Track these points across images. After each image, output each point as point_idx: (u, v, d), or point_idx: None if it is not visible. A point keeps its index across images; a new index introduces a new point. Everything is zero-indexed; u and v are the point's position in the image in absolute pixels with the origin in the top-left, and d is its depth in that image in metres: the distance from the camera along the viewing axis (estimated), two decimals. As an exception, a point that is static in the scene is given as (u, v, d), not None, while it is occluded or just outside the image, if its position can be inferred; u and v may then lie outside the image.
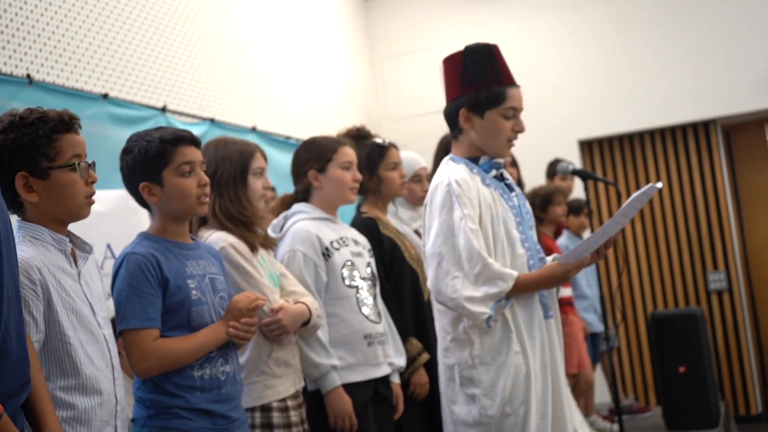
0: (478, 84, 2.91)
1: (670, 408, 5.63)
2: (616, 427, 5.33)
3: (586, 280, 5.85)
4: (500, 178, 3.01)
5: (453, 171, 2.90)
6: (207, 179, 2.51)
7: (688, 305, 7.39)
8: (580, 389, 5.39)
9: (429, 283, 2.90)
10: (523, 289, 2.81)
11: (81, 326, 2.15)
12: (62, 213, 2.20)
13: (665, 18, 7.31)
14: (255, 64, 6.10)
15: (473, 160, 2.97)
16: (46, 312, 2.08)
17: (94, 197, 2.26)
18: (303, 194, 3.31)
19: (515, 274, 2.78)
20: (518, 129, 2.95)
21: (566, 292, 5.29)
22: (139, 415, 2.40)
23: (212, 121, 5.29)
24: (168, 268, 2.40)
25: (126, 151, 2.51)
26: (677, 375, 5.67)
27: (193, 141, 2.51)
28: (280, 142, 5.97)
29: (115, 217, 4.01)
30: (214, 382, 2.43)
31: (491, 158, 2.98)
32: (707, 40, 7.17)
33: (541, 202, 5.42)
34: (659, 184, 2.74)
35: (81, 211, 2.23)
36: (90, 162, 2.24)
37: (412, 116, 7.77)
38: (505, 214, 2.90)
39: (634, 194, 2.76)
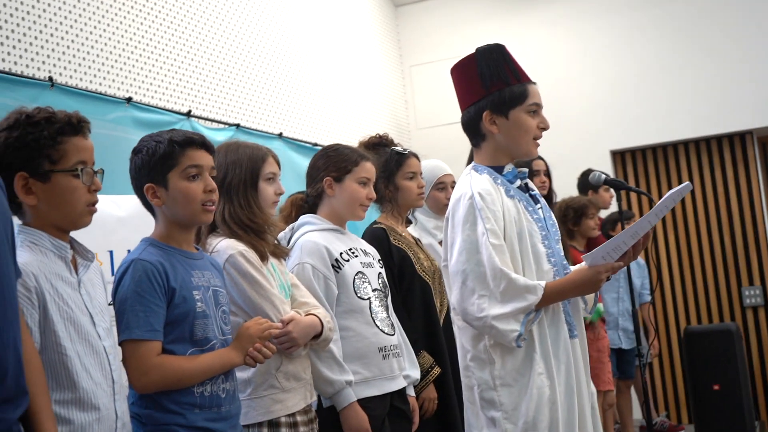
0: (498, 83, 2.79)
1: (704, 426, 5.50)
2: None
3: (617, 294, 5.71)
4: (525, 188, 2.89)
5: (476, 182, 2.75)
6: (214, 185, 2.39)
7: (722, 321, 7.23)
8: (603, 409, 5.26)
9: (453, 301, 2.77)
10: (553, 298, 2.67)
11: (79, 337, 2.05)
12: (60, 219, 2.11)
13: (699, 28, 7.19)
14: (282, 69, 6.04)
15: (497, 169, 2.84)
16: (41, 321, 1.98)
17: (96, 206, 2.16)
18: (314, 199, 3.21)
19: (543, 283, 2.65)
20: (543, 126, 2.82)
21: (600, 307, 5.16)
22: (134, 431, 2.29)
23: (238, 126, 5.23)
24: (175, 277, 2.29)
25: (135, 152, 2.41)
26: (711, 392, 5.55)
27: (203, 145, 2.39)
28: (308, 149, 5.90)
29: (135, 223, 3.94)
30: (214, 399, 2.32)
31: (515, 167, 2.86)
32: (743, 50, 7.04)
33: (575, 214, 5.29)
34: (688, 184, 2.65)
35: (80, 220, 2.14)
36: (96, 169, 2.16)
37: (441, 125, 7.68)
38: (530, 228, 2.77)
39: (668, 193, 2.65)
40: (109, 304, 2.29)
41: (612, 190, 5.74)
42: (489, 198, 2.70)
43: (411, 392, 3.24)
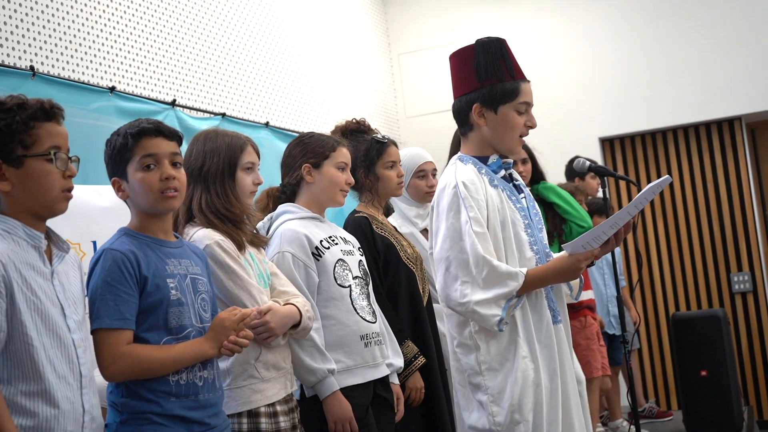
0: (492, 78, 2.86)
1: (692, 413, 5.51)
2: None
3: (602, 279, 5.72)
4: (509, 178, 2.97)
5: (460, 172, 2.84)
6: (171, 173, 2.35)
7: (711, 307, 7.24)
8: (598, 395, 5.26)
9: (438, 288, 2.84)
10: (534, 284, 2.76)
11: (46, 328, 2.03)
12: (36, 205, 2.09)
13: (688, 14, 7.17)
14: (269, 58, 6.01)
15: (482, 159, 2.92)
16: (8, 310, 1.97)
17: (72, 192, 2.14)
18: (291, 188, 3.20)
19: (524, 270, 2.73)
20: (530, 124, 2.91)
21: (587, 294, 5.16)
22: (111, 420, 2.28)
23: (224, 116, 5.20)
24: (147, 266, 2.28)
25: (105, 144, 2.42)
26: (699, 379, 5.55)
27: (159, 132, 2.37)
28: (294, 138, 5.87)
29: (119, 213, 3.91)
30: (190, 387, 2.31)
31: (500, 157, 2.93)
32: (731, 36, 7.03)
33: None
34: (668, 177, 2.74)
35: (56, 205, 2.13)
36: (71, 156, 2.14)
37: (429, 113, 7.67)
38: (513, 216, 2.86)
39: (648, 186, 2.72)
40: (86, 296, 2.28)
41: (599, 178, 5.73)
42: (473, 187, 2.79)
43: (395, 380, 3.24)
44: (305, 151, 3.16)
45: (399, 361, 3.24)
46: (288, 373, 2.74)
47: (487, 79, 2.85)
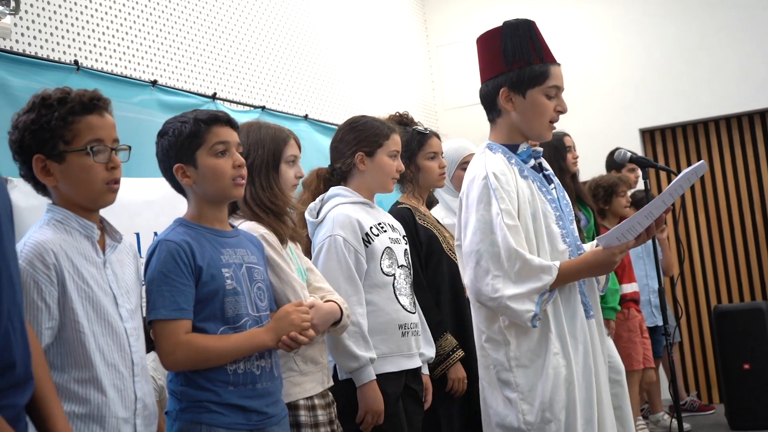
0: (520, 61, 2.73)
1: (734, 406, 5.46)
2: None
3: (644, 271, 5.67)
4: (539, 168, 2.85)
5: (490, 162, 2.71)
6: (242, 160, 2.39)
7: (753, 299, 7.15)
8: (642, 388, 5.23)
9: (467, 282, 2.73)
10: (568, 278, 2.65)
11: (97, 317, 2.06)
12: (81, 199, 2.12)
13: (731, 4, 7.07)
14: (308, 51, 6.04)
15: (511, 148, 2.80)
16: (60, 298, 2.00)
17: (118, 184, 2.15)
18: (342, 173, 3.18)
19: (557, 263, 2.62)
20: (561, 109, 2.77)
21: (631, 287, 5.12)
22: (171, 408, 2.31)
23: (263, 108, 5.23)
24: (202, 256, 2.29)
25: (161, 134, 2.42)
26: (741, 372, 5.50)
27: (228, 122, 2.40)
28: (333, 130, 5.81)
29: (162, 205, 3.96)
30: (248, 376, 2.32)
31: (530, 146, 2.82)
32: (775, 25, 6.92)
33: (605, 193, 5.23)
34: (703, 163, 2.62)
35: (100, 198, 2.13)
36: (121, 146, 2.15)
37: (467, 105, 7.63)
38: (544, 208, 2.73)
39: (682, 173, 2.61)
40: (143, 285, 2.31)
41: (638, 170, 5.69)
42: (503, 178, 2.67)
43: (425, 371, 3.23)
44: (359, 139, 3.14)
45: (430, 351, 3.23)
46: (325, 368, 2.73)
47: (514, 62, 2.72)
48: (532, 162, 2.82)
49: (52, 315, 1.98)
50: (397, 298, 3.05)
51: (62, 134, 2.06)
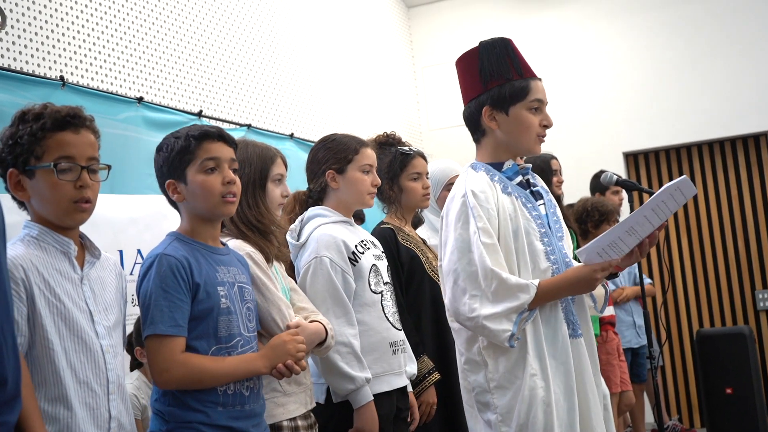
0: (499, 79, 2.70)
1: (716, 430, 5.45)
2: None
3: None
4: (526, 185, 2.80)
5: (471, 180, 2.67)
6: (233, 177, 2.35)
7: (735, 324, 7.17)
8: (621, 411, 5.22)
9: (446, 302, 2.70)
10: (547, 297, 2.58)
11: (70, 333, 2.03)
12: (49, 216, 2.09)
13: (713, 30, 7.15)
14: (294, 70, 6.04)
15: (496, 165, 2.75)
16: (30, 315, 1.97)
17: (89, 203, 2.12)
18: (318, 194, 3.15)
19: (536, 282, 2.56)
20: (546, 123, 2.72)
21: (609, 310, 5.12)
22: (156, 428, 2.26)
23: (249, 126, 5.22)
24: (199, 273, 2.26)
25: (157, 150, 2.40)
26: (724, 396, 5.50)
27: (221, 137, 2.37)
28: (318, 150, 5.88)
29: (146, 223, 3.95)
30: (237, 398, 2.29)
31: (516, 163, 2.77)
32: (757, 53, 7.00)
33: (599, 217, 5.20)
34: (685, 178, 2.54)
35: (67, 217, 2.10)
36: (88, 166, 2.11)
37: (453, 126, 7.65)
38: (527, 225, 2.67)
39: (663, 187, 2.53)
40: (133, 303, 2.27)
41: (623, 192, 5.71)
42: (482, 196, 2.62)
43: (410, 388, 3.20)
44: (328, 157, 3.11)
45: (413, 368, 3.19)
46: (308, 389, 2.69)
47: (493, 79, 2.70)
48: (519, 178, 2.77)
49: (20, 331, 1.95)
50: (386, 315, 3.03)
51: (33, 149, 2.05)
